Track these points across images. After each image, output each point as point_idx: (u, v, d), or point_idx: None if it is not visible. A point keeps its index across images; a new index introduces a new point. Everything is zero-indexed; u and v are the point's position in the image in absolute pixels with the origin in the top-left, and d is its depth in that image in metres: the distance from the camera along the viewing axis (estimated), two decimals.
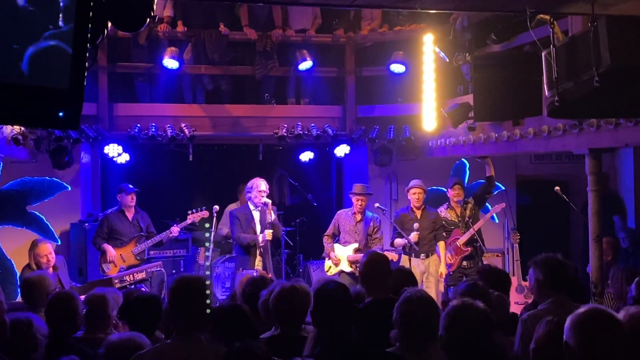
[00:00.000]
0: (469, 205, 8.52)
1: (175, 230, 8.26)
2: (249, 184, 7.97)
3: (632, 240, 8.64)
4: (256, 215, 7.90)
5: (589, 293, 6.76)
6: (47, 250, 7.14)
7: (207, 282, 3.53)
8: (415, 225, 8.08)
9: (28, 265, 7.13)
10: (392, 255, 7.77)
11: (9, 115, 2.71)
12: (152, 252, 8.68)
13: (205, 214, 8.45)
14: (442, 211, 8.57)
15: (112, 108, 9.34)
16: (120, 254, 8.13)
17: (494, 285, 4.73)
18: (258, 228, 7.85)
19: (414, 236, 8.00)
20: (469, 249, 8.28)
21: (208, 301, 3.46)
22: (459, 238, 8.30)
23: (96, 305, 4.36)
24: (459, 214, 8.48)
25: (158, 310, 4.36)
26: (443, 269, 8.23)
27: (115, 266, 8.01)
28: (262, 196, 7.81)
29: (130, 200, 8.24)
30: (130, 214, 8.31)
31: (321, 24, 9.97)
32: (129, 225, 8.30)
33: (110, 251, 8.04)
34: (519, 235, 8.53)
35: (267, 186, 7.96)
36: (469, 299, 3.31)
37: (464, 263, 8.33)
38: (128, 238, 8.22)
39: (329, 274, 8.22)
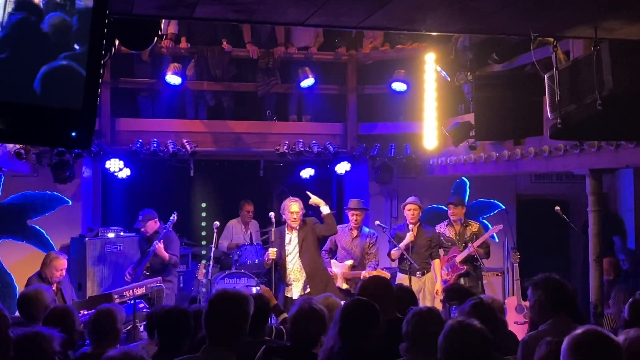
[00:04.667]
0: (470, 228, 8.49)
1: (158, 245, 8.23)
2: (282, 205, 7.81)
3: (632, 261, 8.63)
4: (290, 235, 7.74)
5: (589, 314, 6.75)
6: (64, 264, 7.10)
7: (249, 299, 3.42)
8: (408, 234, 8.10)
9: (39, 275, 6.99)
10: (382, 273, 7.72)
11: (22, 135, 2.73)
12: None
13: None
14: (443, 227, 8.56)
15: (115, 123, 9.36)
16: None
17: None
18: (293, 246, 7.70)
19: (409, 236, 8.02)
20: (465, 267, 8.27)
21: (247, 319, 3.37)
22: (456, 255, 8.30)
23: (104, 320, 4.28)
24: (458, 232, 8.47)
25: (187, 325, 4.18)
26: (439, 287, 8.21)
27: None
28: (294, 218, 7.61)
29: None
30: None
31: (324, 41, 10.03)
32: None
33: None
34: (519, 254, 8.53)
35: (301, 207, 7.71)
36: (465, 319, 3.31)
37: (462, 281, 8.30)
38: None
39: None
